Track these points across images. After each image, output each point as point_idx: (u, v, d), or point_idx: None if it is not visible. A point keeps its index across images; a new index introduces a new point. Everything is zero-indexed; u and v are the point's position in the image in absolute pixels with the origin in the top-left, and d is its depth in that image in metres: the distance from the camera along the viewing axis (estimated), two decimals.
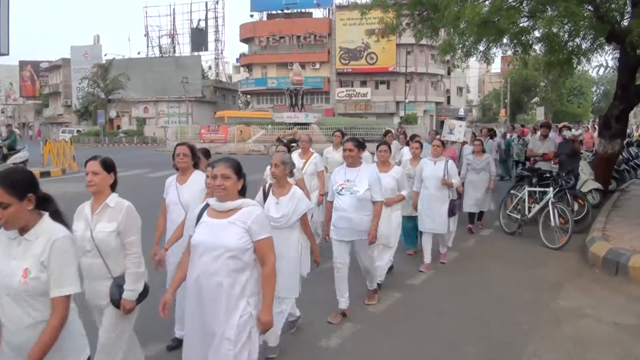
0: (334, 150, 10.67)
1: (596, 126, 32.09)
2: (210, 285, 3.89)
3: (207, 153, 6.65)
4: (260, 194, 5.77)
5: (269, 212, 5.49)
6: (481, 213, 12.10)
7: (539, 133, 14.65)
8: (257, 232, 3.95)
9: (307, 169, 9.21)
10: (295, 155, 9.17)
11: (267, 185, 5.87)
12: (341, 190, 6.58)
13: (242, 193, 4.13)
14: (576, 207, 11.52)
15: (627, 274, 8.22)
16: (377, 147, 7.91)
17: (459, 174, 10.25)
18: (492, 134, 17.80)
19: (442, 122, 16.59)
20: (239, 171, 4.09)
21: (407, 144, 12.25)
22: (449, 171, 8.86)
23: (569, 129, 16.18)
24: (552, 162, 13.09)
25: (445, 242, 9.42)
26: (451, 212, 9.01)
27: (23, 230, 3.16)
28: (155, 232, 5.96)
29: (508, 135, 22.72)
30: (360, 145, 6.79)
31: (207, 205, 4.14)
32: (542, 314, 6.88)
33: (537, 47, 14.85)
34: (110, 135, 60.81)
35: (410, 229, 9.58)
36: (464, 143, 13.53)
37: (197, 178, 5.81)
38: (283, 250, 5.17)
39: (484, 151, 12.08)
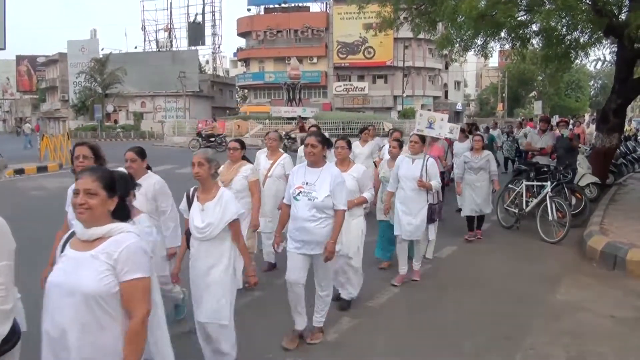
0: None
1: (590, 121, 32.13)
2: (60, 345, 2.97)
3: (141, 153, 5.81)
4: (184, 201, 5.15)
5: (193, 221, 4.93)
6: (481, 219, 10.88)
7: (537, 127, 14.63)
8: (125, 271, 2.96)
9: (273, 171, 8.21)
10: (263, 156, 8.51)
11: (191, 190, 5.14)
12: (298, 194, 5.61)
13: (121, 215, 3.20)
14: (574, 201, 11.54)
15: (624, 268, 8.24)
16: (335, 142, 6.88)
17: (454, 173, 10.32)
18: (471, 129, 16.02)
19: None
20: (110, 185, 3.10)
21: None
22: (427, 171, 7.78)
23: (567, 124, 15.93)
24: (551, 157, 13.02)
25: (421, 253, 8.16)
26: (430, 219, 7.90)
27: None
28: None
29: (492, 130, 21.96)
30: (325, 142, 5.87)
31: (73, 232, 3.17)
32: (539, 308, 6.90)
33: (534, 41, 14.86)
34: (108, 130, 60.65)
35: (389, 238, 8.44)
36: (449, 142, 12.57)
37: None
38: (211, 268, 4.87)
39: (484, 148, 10.95)
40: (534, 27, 13.86)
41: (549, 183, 10.71)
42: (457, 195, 11.31)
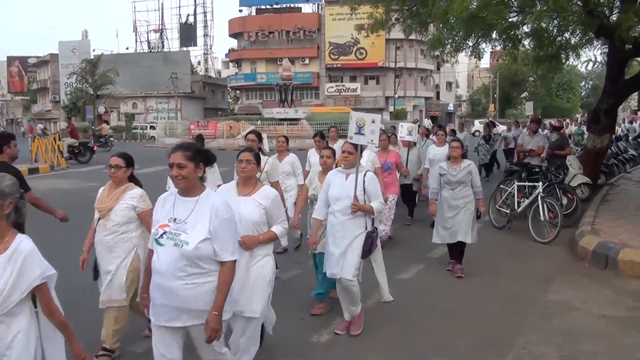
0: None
1: (571, 122, 32.12)
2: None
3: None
4: None
5: None
6: (461, 250, 8.55)
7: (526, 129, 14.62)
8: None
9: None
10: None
11: None
12: (161, 236, 3.89)
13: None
14: (565, 201, 11.57)
15: (616, 268, 8.27)
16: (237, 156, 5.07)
17: (429, 187, 9.00)
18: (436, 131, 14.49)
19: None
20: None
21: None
22: (366, 189, 6.01)
23: (558, 129, 15.31)
24: (541, 160, 12.96)
25: (356, 299, 6.06)
26: (367, 251, 5.98)
27: None
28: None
29: (458, 133, 19.28)
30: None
31: None
32: (532, 308, 6.92)
33: (526, 42, 14.89)
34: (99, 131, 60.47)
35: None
36: (410, 145, 11.90)
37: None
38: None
39: (464, 156, 8.52)
40: (525, 28, 13.90)
41: (540, 183, 10.75)
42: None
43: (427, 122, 33.44)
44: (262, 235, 4.89)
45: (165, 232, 3.88)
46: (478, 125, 52.49)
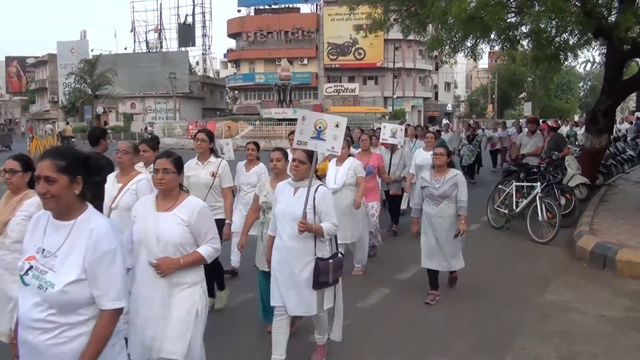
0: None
1: (564, 123, 32.12)
2: None
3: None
4: None
5: None
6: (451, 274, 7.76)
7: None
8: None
9: (119, 200, 5.59)
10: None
11: None
12: (27, 272, 2.93)
13: None
14: (563, 201, 11.57)
15: (614, 268, 8.27)
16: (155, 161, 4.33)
17: (410, 200, 8.55)
18: (418, 133, 14.49)
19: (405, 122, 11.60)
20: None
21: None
22: (316, 207, 5.06)
23: (555, 130, 15.12)
24: (539, 162, 12.81)
25: (323, 328, 5.45)
26: (319, 282, 4.99)
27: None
28: None
29: (443, 134, 18.70)
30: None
31: None
32: (530, 308, 6.92)
33: (524, 42, 14.89)
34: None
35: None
36: (393, 148, 10.97)
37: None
38: None
39: (449, 165, 7.28)
40: (524, 29, 13.90)
41: (538, 184, 10.76)
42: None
43: (412, 122, 32.15)
44: (184, 258, 4.03)
45: (30, 268, 2.93)
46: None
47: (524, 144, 13.31)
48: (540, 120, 21.00)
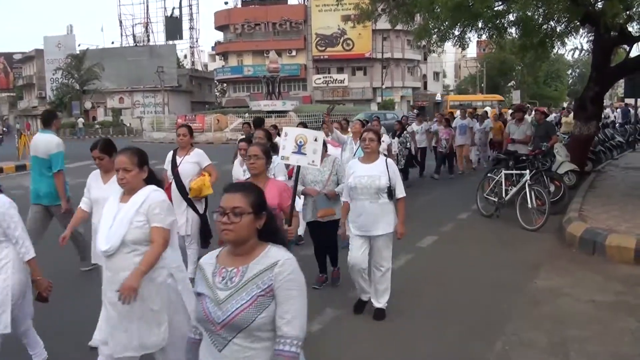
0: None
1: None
2: None
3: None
4: None
5: None
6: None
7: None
8: None
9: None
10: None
11: None
12: None
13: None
14: (553, 188, 11.62)
15: (604, 253, 8.32)
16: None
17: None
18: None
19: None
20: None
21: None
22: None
23: (545, 115, 14.96)
24: (529, 153, 12.72)
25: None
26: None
27: None
28: None
29: (414, 126, 17.85)
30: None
31: None
32: (520, 295, 6.96)
33: (512, 30, 14.91)
34: (87, 127, 60.17)
35: None
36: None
37: None
38: None
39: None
40: (511, 17, 13.89)
41: (527, 171, 10.80)
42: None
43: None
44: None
45: None
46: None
47: (512, 132, 13.33)
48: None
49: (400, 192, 6.09)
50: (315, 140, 5.19)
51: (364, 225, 6.10)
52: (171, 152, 7.55)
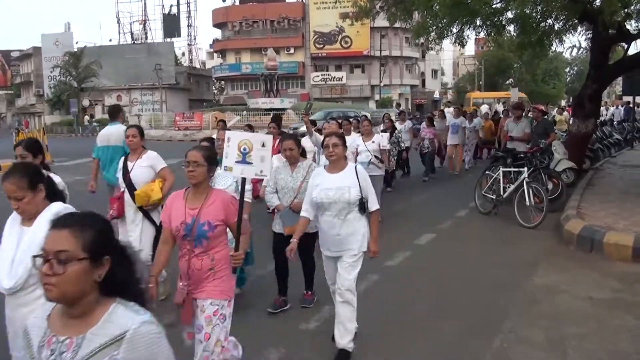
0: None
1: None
2: None
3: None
4: None
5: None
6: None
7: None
8: None
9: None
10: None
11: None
12: None
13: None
14: (551, 186, 11.62)
15: (601, 251, 8.33)
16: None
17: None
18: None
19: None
20: None
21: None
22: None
23: (544, 113, 14.76)
24: (527, 151, 12.60)
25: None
26: None
27: None
28: None
29: (399, 125, 17.06)
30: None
31: None
32: (518, 292, 6.96)
33: (510, 28, 14.90)
34: (84, 125, 60.06)
35: None
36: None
37: None
38: None
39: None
40: (509, 14, 13.88)
41: (525, 169, 10.80)
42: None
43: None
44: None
45: None
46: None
47: (511, 130, 13.34)
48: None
49: (373, 205, 5.32)
50: (263, 145, 4.37)
51: (333, 245, 5.36)
52: (122, 158, 6.96)
